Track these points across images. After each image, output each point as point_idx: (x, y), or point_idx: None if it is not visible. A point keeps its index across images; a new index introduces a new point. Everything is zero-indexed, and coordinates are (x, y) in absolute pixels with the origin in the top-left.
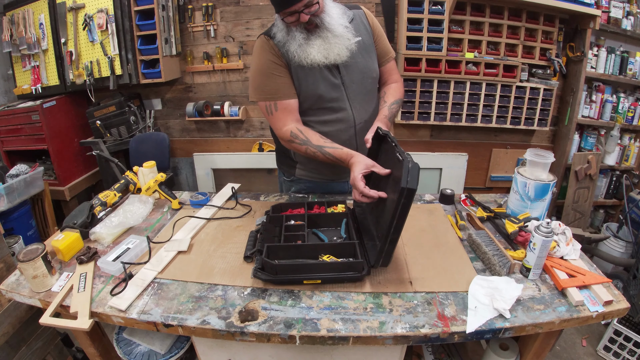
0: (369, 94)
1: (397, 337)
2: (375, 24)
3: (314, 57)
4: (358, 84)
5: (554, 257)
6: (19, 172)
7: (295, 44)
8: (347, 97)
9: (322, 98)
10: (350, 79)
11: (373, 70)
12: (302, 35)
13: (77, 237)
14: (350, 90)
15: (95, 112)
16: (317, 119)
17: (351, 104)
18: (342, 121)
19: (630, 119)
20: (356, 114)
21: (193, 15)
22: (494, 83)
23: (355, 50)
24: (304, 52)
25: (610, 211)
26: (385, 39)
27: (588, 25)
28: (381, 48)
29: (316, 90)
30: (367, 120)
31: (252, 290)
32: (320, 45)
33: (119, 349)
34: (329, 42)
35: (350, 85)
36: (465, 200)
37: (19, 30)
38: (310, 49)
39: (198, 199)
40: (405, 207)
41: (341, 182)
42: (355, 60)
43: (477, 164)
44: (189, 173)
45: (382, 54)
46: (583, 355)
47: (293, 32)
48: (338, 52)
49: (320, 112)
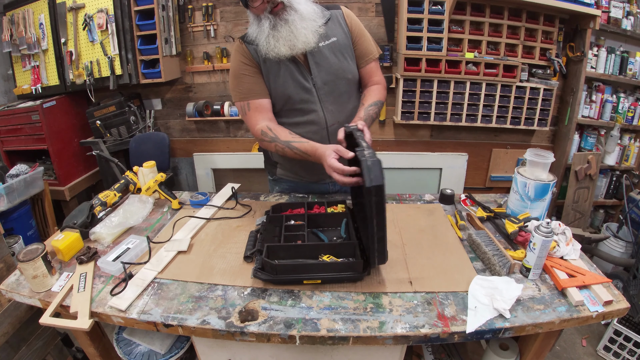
0: (343, 96)
1: (397, 337)
2: (354, 24)
3: (279, 50)
4: (331, 85)
5: (554, 257)
6: (19, 172)
7: (263, 35)
8: (319, 98)
9: (291, 99)
10: (322, 80)
11: (348, 71)
12: (268, 23)
13: (77, 237)
14: (322, 92)
15: (95, 112)
16: (289, 120)
17: (323, 106)
18: (313, 123)
19: (630, 119)
20: (328, 115)
21: (193, 15)
22: (494, 83)
23: (327, 49)
24: (270, 45)
25: (610, 211)
26: (367, 39)
27: (588, 25)
28: (361, 49)
29: (285, 91)
30: (340, 122)
31: (252, 290)
32: (286, 35)
33: (119, 349)
34: (295, 26)
35: (322, 86)
36: (465, 200)
37: (19, 30)
38: (275, 42)
39: (198, 199)
40: (379, 204)
41: (321, 183)
42: (328, 61)
43: (477, 164)
44: (189, 173)
45: (361, 54)
46: (583, 355)
47: (261, 22)
48: (304, 39)
49: (292, 114)
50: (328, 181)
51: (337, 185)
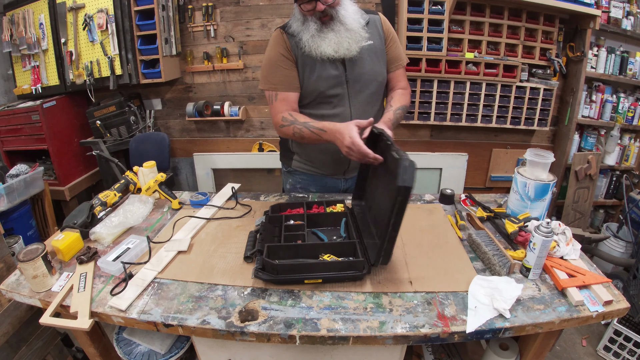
0: (372, 97)
1: (397, 337)
2: (389, 31)
3: (324, 50)
4: (362, 84)
5: (554, 257)
6: (19, 172)
7: (308, 34)
8: (349, 94)
9: (323, 93)
10: (354, 77)
11: (379, 74)
12: (315, 26)
13: (77, 237)
14: (352, 89)
15: (95, 112)
16: (317, 112)
17: (351, 102)
18: (339, 117)
19: (630, 119)
20: (354, 112)
21: (193, 15)
22: (494, 83)
23: (365, 51)
24: (315, 43)
25: (610, 211)
26: (399, 46)
27: (588, 25)
28: (392, 54)
29: (319, 86)
30: None
31: (252, 290)
32: (332, 38)
33: (119, 349)
34: (340, 35)
35: (353, 84)
36: (465, 200)
37: (19, 30)
38: (321, 41)
39: (198, 199)
40: (402, 205)
41: (335, 178)
42: (364, 62)
43: (477, 164)
44: (189, 173)
45: (392, 60)
46: (583, 355)
47: (308, 22)
48: (348, 46)
49: (321, 106)
50: (341, 177)
51: (349, 182)
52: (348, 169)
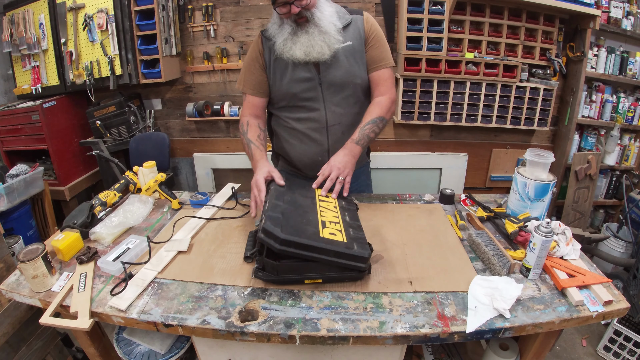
0: (348, 99)
1: (397, 337)
2: (372, 30)
3: (294, 53)
4: (337, 87)
5: (554, 257)
6: (19, 172)
7: (282, 37)
8: (323, 97)
9: (296, 96)
10: (328, 80)
11: (357, 76)
12: (290, 29)
13: (77, 237)
14: (327, 92)
15: (95, 112)
16: (292, 115)
17: (326, 106)
18: (314, 120)
19: (630, 119)
20: (330, 115)
21: (193, 15)
22: (494, 83)
23: (342, 53)
24: (287, 47)
25: (610, 211)
26: (382, 46)
27: (588, 25)
28: (371, 54)
29: (291, 89)
30: (342, 124)
31: (252, 290)
32: (304, 41)
33: (119, 349)
34: (313, 38)
35: (328, 87)
36: (465, 200)
37: (19, 30)
38: (292, 45)
39: (198, 199)
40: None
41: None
42: (339, 64)
43: (477, 164)
44: (189, 173)
45: (371, 60)
46: (583, 355)
47: (284, 25)
48: (320, 50)
49: (295, 110)
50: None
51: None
52: None
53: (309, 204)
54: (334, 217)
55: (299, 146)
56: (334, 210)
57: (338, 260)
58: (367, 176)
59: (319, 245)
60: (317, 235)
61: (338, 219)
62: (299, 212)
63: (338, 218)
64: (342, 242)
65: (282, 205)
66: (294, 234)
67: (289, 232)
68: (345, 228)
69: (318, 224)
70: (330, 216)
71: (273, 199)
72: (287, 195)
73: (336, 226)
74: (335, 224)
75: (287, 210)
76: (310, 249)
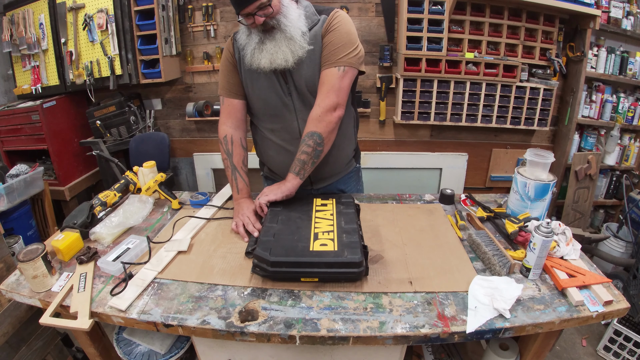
0: None
1: (397, 337)
2: (329, 28)
3: (260, 62)
4: (306, 95)
5: (554, 257)
6: (19, 172)
7: (250, 47)
8: (294, 106)
9: (269, 106)
10: (297, 88)
11: (318, 82)
12: (257, 39)
13: (77, 237)
14: (297, 102)
15: (95, 112)
16: (265, 125)
17: (297, 116)
18: (287, 131)
19: (630, 119)
20: (302, 125)
21: (193, 15)
22: (494, 83)
23: (306, 58)
24: (255, 57)
25: (610, 211)
26: (338, 44)
27: (588, 25)
28: (324, 53)
29: (263, 98)
30: None
31: (252, 290)
32: (269, 49)
33: (119, 349)
34: (278, 45)
35: (297, 95)
36: (465, 200)
37: (19, 30)
38: (259, 54)
39: (198, 199)
40: None
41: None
42: (303, 70)
43: (477, 164)
44: (189, 173)
45: (322, 60)
46: (583, 355)
47: (252, 35)
48: (284, 57)
49: (268, 119)
50: (309, 187)
51: (320, 191)
52: (315, 181)
53: (304, 218)
54: (329, 226)
55: (277, 157)
56: (330, 218)
57: (329, 270)
58: (357, 181)
59: (308, 260)
60: (306, 250)
61: (333, 226)
62: (291, 229)
63: (333, 226)
64: (332, 251)
65: (276, 226)
66: (283, 254)
67: (278, 254)
68: (339, 235)
69: (310, 238)
70: (325, 225)
71: (267, 222)
72: (283, 215)
73: (329, 235)
74: (328, 232)
75: (280, 230)
76: (300, 264)
